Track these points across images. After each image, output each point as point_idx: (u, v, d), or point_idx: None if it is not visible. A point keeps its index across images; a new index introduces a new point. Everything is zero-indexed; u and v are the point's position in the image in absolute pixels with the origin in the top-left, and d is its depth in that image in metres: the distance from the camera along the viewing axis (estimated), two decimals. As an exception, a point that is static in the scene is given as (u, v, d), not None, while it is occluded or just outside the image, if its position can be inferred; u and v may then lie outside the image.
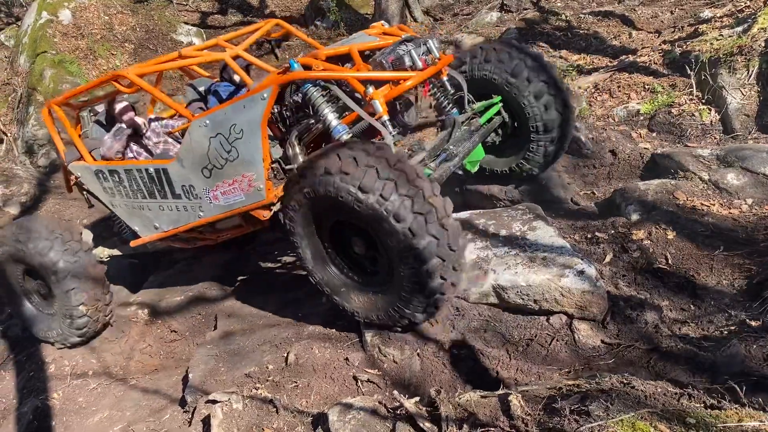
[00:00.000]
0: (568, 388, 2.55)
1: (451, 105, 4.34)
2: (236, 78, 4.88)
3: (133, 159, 4.76)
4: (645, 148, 5.24)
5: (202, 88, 5.34)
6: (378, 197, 2.97)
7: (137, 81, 4.17)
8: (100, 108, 5.44)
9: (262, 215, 4.00)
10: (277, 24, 5.14)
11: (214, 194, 4.06)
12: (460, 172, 4.27)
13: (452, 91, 4.34)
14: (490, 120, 4.43)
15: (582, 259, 3.53)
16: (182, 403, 3.92)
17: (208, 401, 3.42)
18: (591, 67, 7.28)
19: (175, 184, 4.22)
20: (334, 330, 3.90)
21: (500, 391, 2.69)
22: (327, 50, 3.85)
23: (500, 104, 4.49)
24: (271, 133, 3.94)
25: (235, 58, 4.13)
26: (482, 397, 2.64)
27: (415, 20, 11.66)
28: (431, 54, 4.02)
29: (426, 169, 3.70)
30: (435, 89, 4.29)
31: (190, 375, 3.92)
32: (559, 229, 4.05)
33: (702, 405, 2.24)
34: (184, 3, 15.73)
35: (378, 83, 3.64)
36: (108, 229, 5.42)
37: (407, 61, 3.80)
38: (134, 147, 4.82)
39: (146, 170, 4.33)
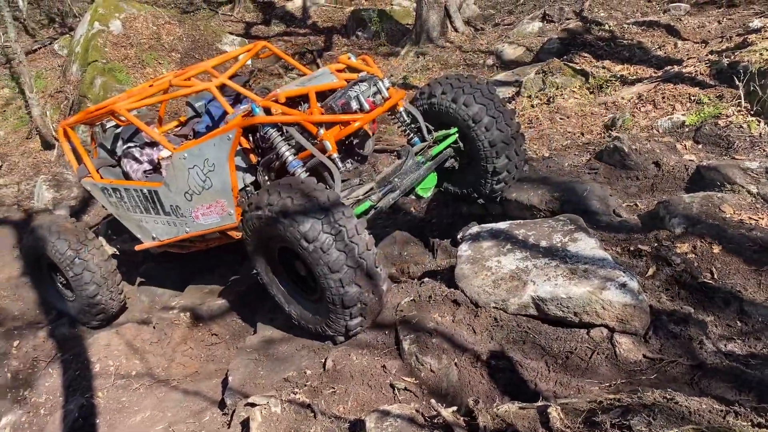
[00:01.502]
0: (608, 401, 2.52)
1: (411, 135, 4.78)
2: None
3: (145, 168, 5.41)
4: (690, 160, 5.14)
5: (200, 103, 5.78)
6: (310, 237, 3.46)
7: (127, 116, 4.79)
8: (109, 123, 5.87)
9: (234, 235, 4.58)
10: (265, 46, 5.52)
11: (195, 214, 4.66)
12: (414, 197, 4.77)
13: (409, 122, 4.77)
14: (445, 149, 4.79)
15: (624, 272, 3.48)
16: (222, 405, 4.00)
17: (247, 404, 3.47)
18: (635, 77, 7.19)
19: (165, 203, 4.82)
20: (371, 337, 3.92)
21: (539, 403, 2.67)
22: (287, 91, 4.26)
23: (456, 134, 4.80)
24: (244, 164, 4.42)
25: (221, 86, 4.61)
26: (521, 408, 2.63)
27: (456, 30, 11.68)
28: (380, 94, 4.43)
29: (368, 201, 4.10)
30: (398, 121, 4.78)
31: (230, 378, 3.99)
32: (601, 241, 3.99)
33: (749, 423, 2.19)
34: (229, 14, 16.09)
35: (329, 125, 4.10)
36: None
37: (354, 105, 4.24)
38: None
39: (141, 190, 4.93)
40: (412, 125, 4.79)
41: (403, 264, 5.47)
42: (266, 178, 4.34)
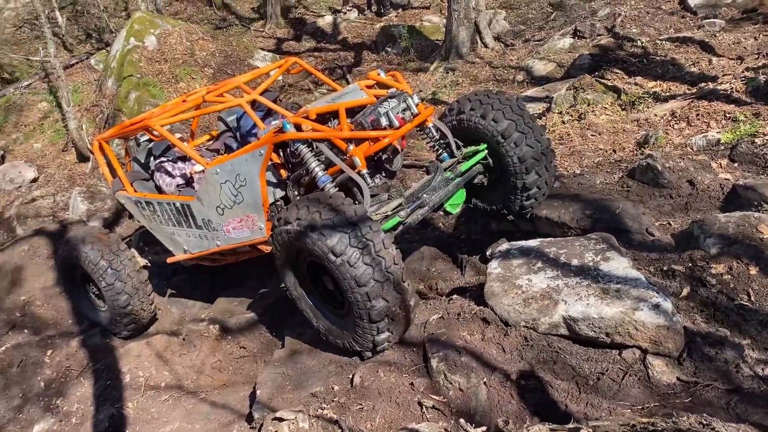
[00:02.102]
0: (642, 425, 2.47)
1: (440, 150, 4.79)
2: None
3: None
4: (725, 179, 5.05)
5: (232, 117, 5.89)
6: (338, 251, 3.50)
7: (161, 131, 4.86)
8: (143, 137, 5.95)
9: (264, 249, 4.66)
10: (296, 62, 5.61)
11: (226, 228, 4.72)
12: (442, 213, 4.75)
13: (438, 138, 4.78)
14: (474, 165, 4.77)
15: (657, 293, 3.42)
16: (249, 419, 4.01)
17: (275, 419, 3.47)
18: (668, 94, 7.11)
19: (197, 217, 4.91)
20: (398, 354, 3.90)
21: (570, 425, 2.63)
22: (318, 108, 4.29)
23: (485, 150, 4.78)
24: (274, 179, 4.48)
25: (253, 102, 4.71)
26: (551, 430, 2.59)
27: (486, 46, 11.69)
28: (409, 110, 4.44)
29: (397, 216, 4.10)
30: (427, 137, 4.80)
31: (258, 392, 4.00)
32: (634, 261, 3.93)
33: (789, 452, 2.12)
34: (261, 30, 16.36)
35: (358, 141, 4.13)
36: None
37: (384, 121, 4.22)
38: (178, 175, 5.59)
39: (174, 204, 5.02)
40: (441, 141, 4.79)
41: (431, 280, 5.45)
42: (296, 193, 4.40)
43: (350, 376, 3.78)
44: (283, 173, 4.47)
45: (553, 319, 3.51)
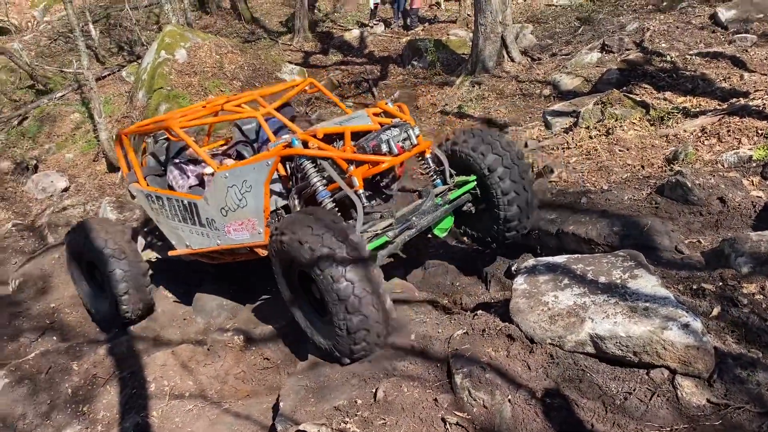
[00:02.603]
0: (671, 448, 2.42)
1: (435, 177, 5.08)
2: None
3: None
4: (758, 197, 4.95)
5: (251, 125, 6.17)
6: (323, 266, 3.72)
7: (179, 132, 5.14)
8: (160, 136, 6.31)
9: (261, 252, 4.90)
10: (312, 83, 5.96)
11: (228, 229, 5.02)
12: (431, 236, 5.08)
13: (433, 167, 5.08)
14: (463, 194, 5.04)
15: (687, 312, 3.36)
16: (272, 430, 4.01)
17: (298, 431, 3.48)
18: (698, 109, 7.01)
19: (202, 216, 5.21)
20: (423, 369, 3.88)
21: (596, 446, 2.59)
22: (325, 128, 4.59)
23: (474, 181, 5.05)
24: (279, 189, 4.76)
25: (267, 116, 5.04)
26: (577, 450, 2.55)
27: (513, 60, 11.68)
28: (409, 140, 4.76)
29: (385, 236, 4.34)
30: (425, 164, 5.09)
31: (281, 403, 4.00)
32: (662, 279, 3.87)
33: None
34: (288, 43, 16.56)
35: (359, 163, 4.46)
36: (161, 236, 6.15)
37: (384, 148, 4.55)
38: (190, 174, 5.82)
39: (182, 201, 5.35)
40: (438, 168, 5.08)
41: (455, 295, 5.43)
42: (297, 203, 4.69)
43: (373, 390, 3.76)
44: (288, 184, 4.72)
45: (580, 337, 3.47)
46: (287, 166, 4.65)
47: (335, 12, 19.39)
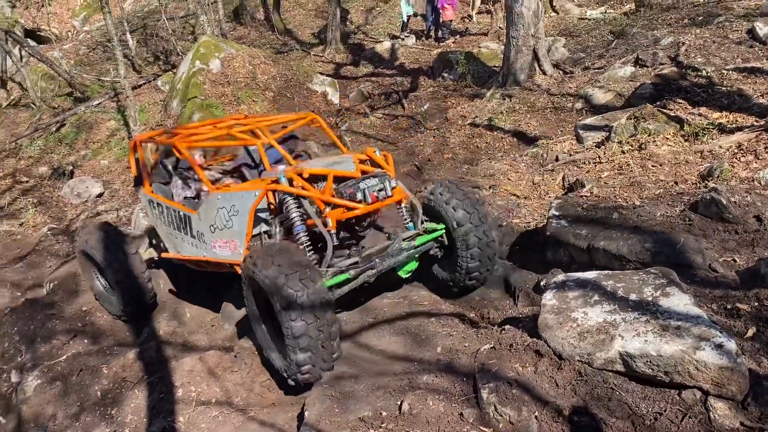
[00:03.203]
0: (703, 472, 2.36)
1: (408, 221, 5.49)
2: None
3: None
4: (796, 216, 4.83)
5: (254, 148, 6.46)
6: (279, 290, 4.14)
7: (185, 153, 5.66)
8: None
9: (238, 270, 5.11)
10: (315, 119, 6.34)
11: (213, 245, 5.51)
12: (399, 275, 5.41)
13: (408, 213, 5.50)
14: (429, 241, 5.40)
15: (720, 332, 3.28)
16: (297, 440, 4.02)
17: (323, 441, 3.48)
18: (734, 125, 6.89)
19: (193, 228, 5.70)
20: (449, 383, 3.86)
21: (625, 467, 2.54)
22: (312, 169, 5.00)
23: (443, 230, 5.40)
24: (264, 215, 5.17)
25: (268, 146, 5.51)
26: (605, 470, 2.51)
27: (544, 73, 11.62)
28: (384, 191, 5.12)
29: (347, 274, 4.77)
30: (400, 211, 5.50)
31: (306, 413, 4.01)
32: (695, 297, 3.80)
33: None
34: (320, 55, 16.71)
35: (335, 206, 4.88)
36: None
37: (359, 196, 4.96)
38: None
39: (179, 212, 5.85)
40: (411, 214, 5.50)
41: (482, 309, 5.40)
42: (278, 231, 5.13)
43: (398, 403, 3.75)
44: (274, 211, 5.14)
45: (609, 355, 3.41)
46: (276, 196, 5.08)
47: (367, 24, 19.54)
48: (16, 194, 11.66)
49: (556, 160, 8.23)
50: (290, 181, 4.91)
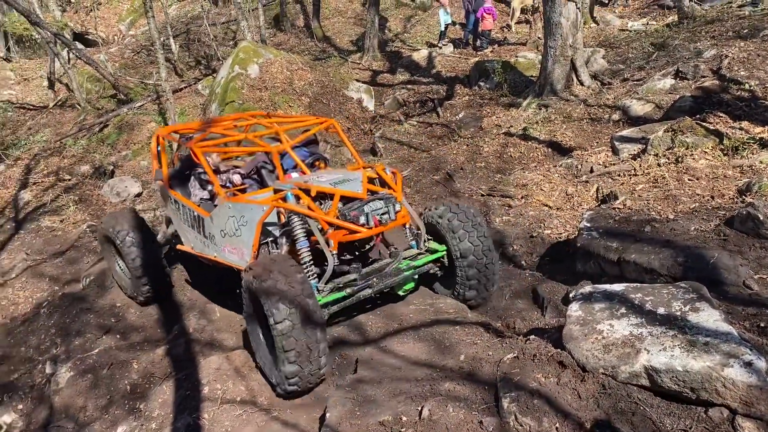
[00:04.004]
0: (724, 491, 2.30)
1: (411, 240, 5.65)
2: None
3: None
4: (837, 234, 4.68)
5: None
6: (274, 305, 4.34)
7: (201, 159, 5.83)
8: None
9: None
10: (332, 124, 6.47)
11: (223, 248, 5.77)
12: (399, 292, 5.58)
13: (413, 233, 5.68)
14: (429, 261, 5.51)
15: (750, 349, 3.20)
16: (317, 441, 4.03)
17: (342, 443, 3.49)
18: (776, 141, 6.70)
19: (206, 229, 5.97)
20: (470, 391, 3.84)
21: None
22: (320, 187, 5.16)
23: (444, 252, 5.51)
24: (272, 227, 5.33)
25: (283, 152, 5.84)
26: (624, 485, 2.46)
27: (582, 84, 11.49)
28: (387, 215, 5.23)
29: (344, 292, 4.96)
30: (404, 231, 5.68)
31: (327, 415, 4.03)
32: (726, 314, 3.71)
33: None
34: (358, 62, 16.82)
35: (338, 227, 5.01)
36: None
37: (362, 220, 5.08)
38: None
39: (193, 212, 6.13)
40: (416, 234, 5.65)
41: (509, 318, 5.35)
42: (284, 242, 5.30)
43: (419, 408, 3.74)
44: (282, 222, 5.28)
45: (634, 369, 3.35)
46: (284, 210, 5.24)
47: (405, 32, 19.61)
48: (59, 191, 11.99)
49: (591, 171, 8.13)
50: (297, 199, 5.10)
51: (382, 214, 5.23)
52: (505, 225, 7.38)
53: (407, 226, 5.62)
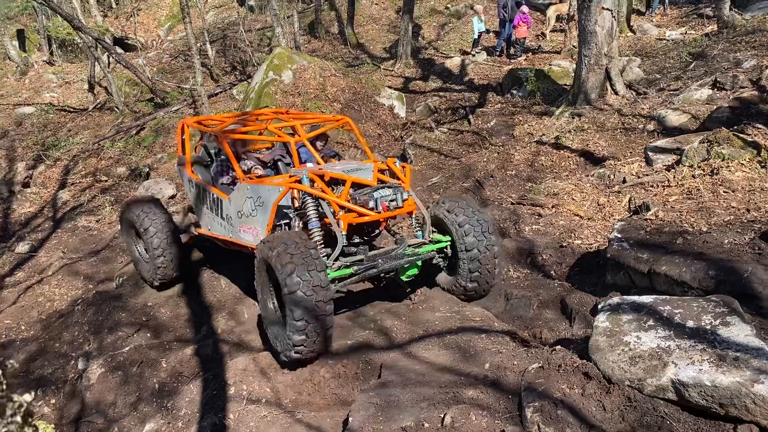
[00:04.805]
0: None
1: (418, 229, 5.96)
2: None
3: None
4: None
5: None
6: (288, 276, 4.63)
7: (225, 146, 6.19)
8: None
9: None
10: (347, 122, 6.76)
11: (239, 228, 6.15)
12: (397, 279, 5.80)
13: (418, 222, 5.97)
14: (432, 251, 5.76)
15: (783, 367, 3.12)
16: (339, 445, 4.05)
17: (364, 447, 3.51)
18: (816, 153, 6.53)
19: (224, 211, 6.37)
20: (493, 399, 3.82)
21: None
22: (333, 173, 5.51)
23: (448, 242, 5.78)
24: (286, 208, 5.69)
25: (300, 144, 6.23)
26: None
27: (616, 93, 11.35)
28: (395, 202, 5.52)
29: (350, 269, 5.23)
30: (411, 220, 6.02)
31: (351, 419, 4.05)
32: (759, 329, 3.63)
33: None
34: (390, 69, 16.89)
35: (348, 210, 5.34)
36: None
37: (371, 204, 5.41)
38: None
39: (213, 195, 6.53)
40: (422, 223, 5.91)
41: (535, 328, 5.31)
42: (298, 223, 5.68)
43: (441, 415, 3.74)
44: (295, 205, 5.61)
45: (661, 382, 3.30)
46: (298, 193, 5.53)
47: (438, 40, 19.62)
48: (96, 192, 12.29)
49: (624, 181, 8.02)
50: (312, 182, 5.40)
51: (390, 200, 5.51)
52: (534, 234, 7.32)
53: (413, 215, 5.87)
